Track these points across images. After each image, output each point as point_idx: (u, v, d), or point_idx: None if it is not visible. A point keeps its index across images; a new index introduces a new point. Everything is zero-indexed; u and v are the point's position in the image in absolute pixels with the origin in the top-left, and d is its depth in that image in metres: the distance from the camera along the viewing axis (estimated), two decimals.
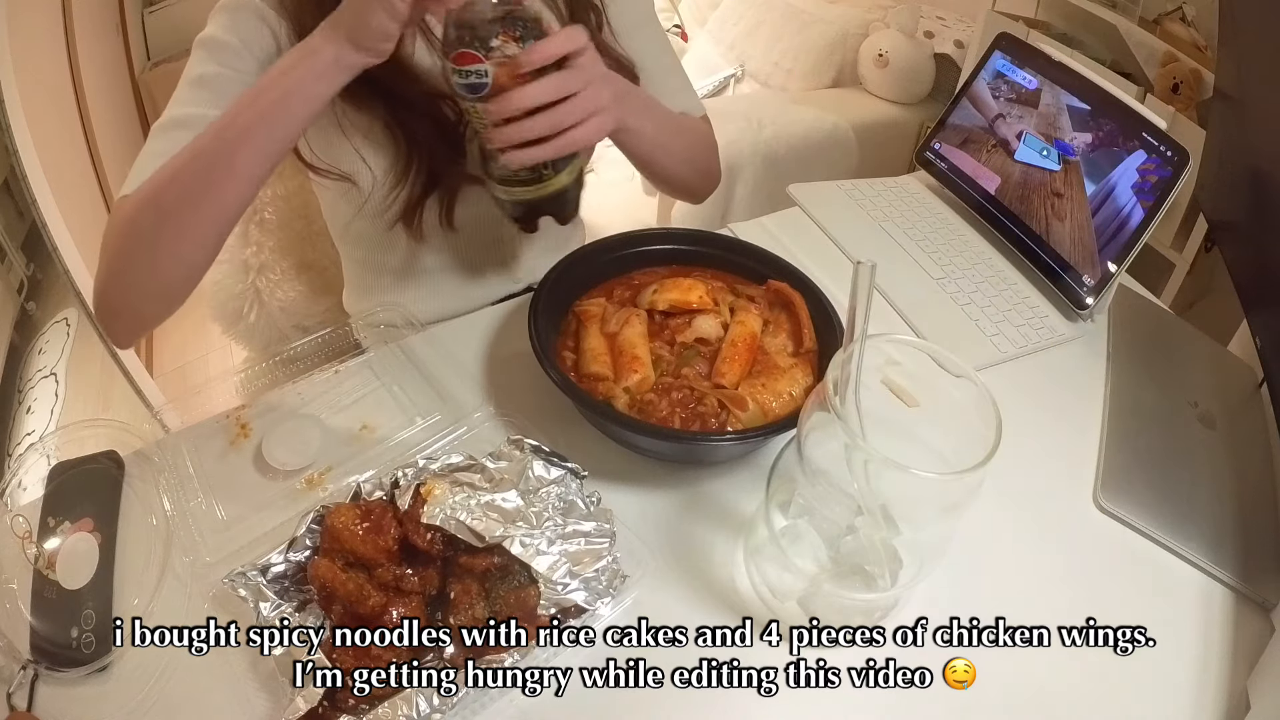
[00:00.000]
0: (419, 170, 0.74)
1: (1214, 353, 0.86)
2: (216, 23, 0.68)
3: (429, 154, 0.73)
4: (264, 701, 0.49)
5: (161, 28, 2.41)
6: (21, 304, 1.30)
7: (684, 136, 0.81)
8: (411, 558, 0.53)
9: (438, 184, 0.75)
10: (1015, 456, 0.67)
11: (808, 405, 0.50)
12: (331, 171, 0.73)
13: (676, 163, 0.81)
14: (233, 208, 0.62)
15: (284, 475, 0.62)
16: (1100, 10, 1.60)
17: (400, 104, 0.71)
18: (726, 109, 1.92)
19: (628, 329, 0.66)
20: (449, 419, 0.65)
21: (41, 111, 1.54)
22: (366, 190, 0.74)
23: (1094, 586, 0.60)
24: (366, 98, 0.70)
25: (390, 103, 0.71)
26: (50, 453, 0.61)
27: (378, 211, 0.77)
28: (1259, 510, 0.67)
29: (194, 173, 0.60)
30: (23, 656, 0.49)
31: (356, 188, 0.74)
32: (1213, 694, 0.54)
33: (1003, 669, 0.54)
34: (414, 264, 0.84)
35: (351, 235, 0.85)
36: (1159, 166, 0.80)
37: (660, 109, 0.76)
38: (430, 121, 0.72)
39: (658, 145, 0.75)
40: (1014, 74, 0.95)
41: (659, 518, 0.61)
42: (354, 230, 0.83)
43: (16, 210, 1.35)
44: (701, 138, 0.85)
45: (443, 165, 0.74)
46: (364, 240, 0.84)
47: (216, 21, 0.68)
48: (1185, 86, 1.42)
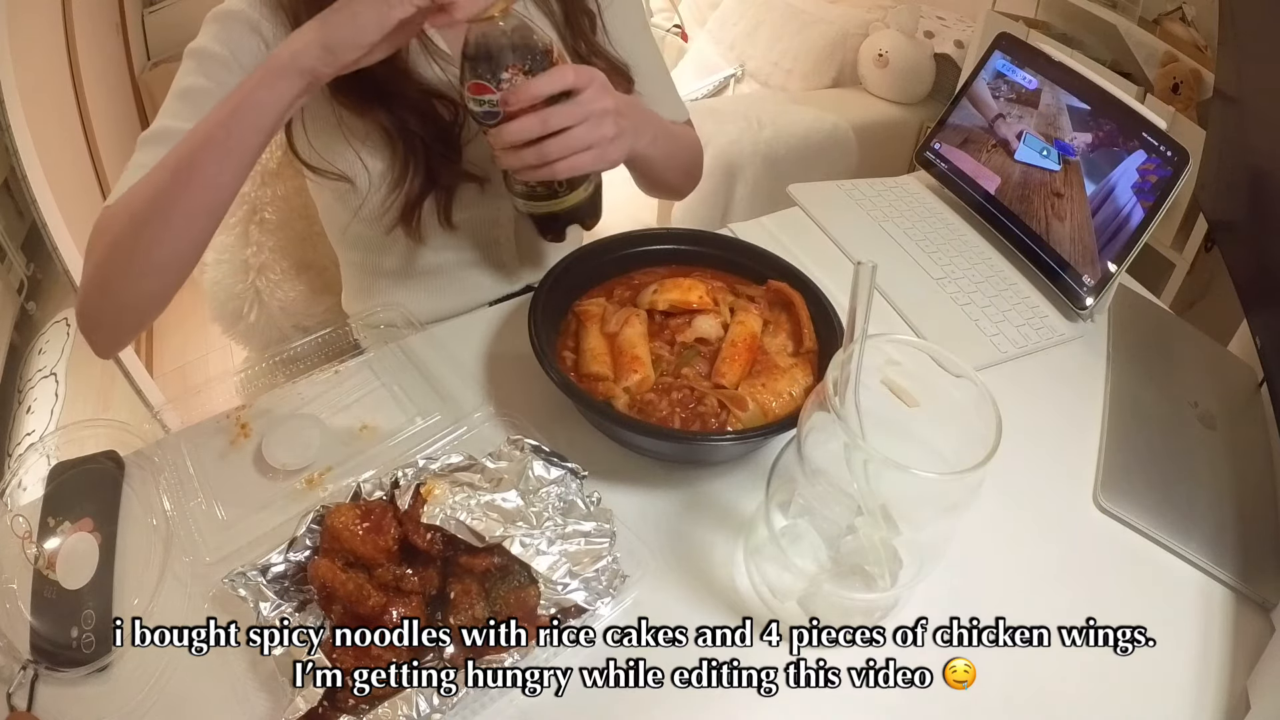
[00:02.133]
0: (416, 170, 0.74)
1: (1214, 353, 0.86)
2: (207, 32, 0.68)
3: (425, 153, 0.73)
4: (264, 701, 0.49)
5: (161, 28, 2.41)
6: (21, 304, 1.30)
7: (679, 149, 0.85)
8: (411, 558, 0.53)
9: (435, 183, 0.76)
10: (1015, 456, 0.67)
11: (808, 405, 0.50)
12: (330, 172, 0.74)
13: (672, 173, 0.85)
14: (202, 217, 0.62)
15: (284, 475, 0.62)
16: (1100, 10, 1.60)
17: (397, 104, 0.71)
18: (726, 109, 1.92)
19: (628, 329, 0.66)
20: (449, 419, 0.65)
21: (41, 111, 1.54)
22: (363, 193, 0.75)
23: (1094, 586, 0.60)
24: (365, 101, 0.70)
25: (387, 104, 0.71)
26: (50, 453, 0.61)
27: (375, 216, 0.77)
28: (1259, 510, 0.67)
29: (163, 183, 0.60)
30: (23, 656, 0.49)
31: (354, 189, 0.74)
32: (1213, 694, 0.54)
33: (1003, 669, 0.54)
34: (412, 266, 0.85)
35: (349, 239, 0.85)
36: (1159, 166, 0.80)
37: (662, 126, 0.78)
38: (426, 120, 0.72)
39: (659, 163, 0.79)
40: (1014, 74, 0.95)
41: (659, 518, 0.61)
42: (351, 233, 0.83)
43: (16, 210, 1.35)
44: (691, 145, 0.90)
45: (440, 164, 0.75)
46: (361, 243, 0.84)
47: (207, 31, 0.68)
48: (1185, 86, 1.42)
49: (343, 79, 0.66)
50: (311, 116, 0.74)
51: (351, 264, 0.89)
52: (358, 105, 0.71)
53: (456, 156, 0.75)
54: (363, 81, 0.68)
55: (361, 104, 0.71)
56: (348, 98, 0.71)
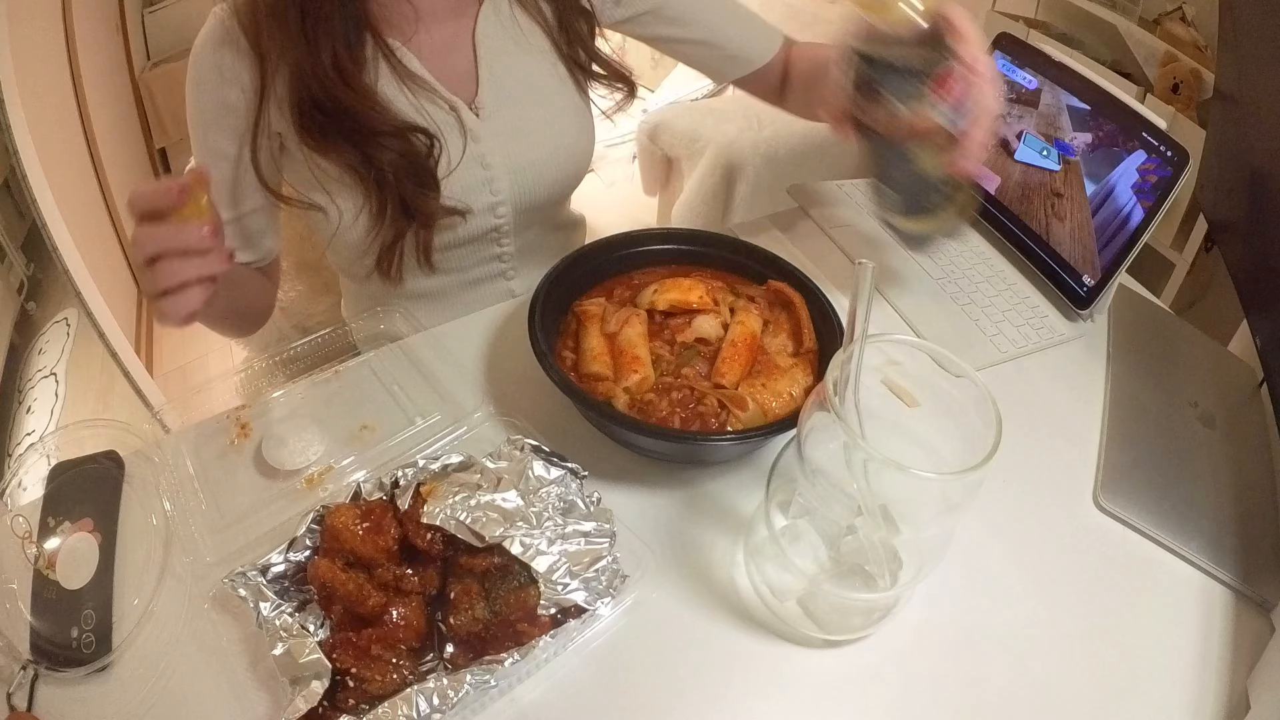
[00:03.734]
0: (392, 210, 0.72)
1: (1214, 353, 0.86)
2: (189, 103, 0.71)
3: (398, 190, 0.71)
4: (264, 701, 0.49)
5: (161, 28, 2.41)
6: (21, 304, 1.30)
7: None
8: (411, 558, 0.53)
9: (413, 219, 0.73)
10: (1015, 456, 0.68)
11: (808, 405, 0.50)
12: (301, 202, 0.73)
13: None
14: (235, 319, 0.80)
15: (284, 475, 0.62)
16: (1100, 10, 1.60)
17: (366, 140, 0.69)
18: (726, 109, 1.92)
19: (628, 329, 0.66)
20: (449, 419, 0.65)
21: (41, 111, 1.54)
22: (335, 224, 0.73)
23: (1094, 586, 0.60)
24: (331, 141, 0.69)
25: (355, 142, 0.69)
26: (50, 453, 0.61)
27: (355, 255, 0.76)
28: (1259, 510, 0.67)
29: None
30: (23, 656, 0.49)
31: (327, 219, 0.74)
32: (1213, 694, 0.54)
33: (1003, 669, 0.54)
34: (403, 291, 0.82)
35: (338, 262, 0.85)
36: (1159, 166, 0.80)
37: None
38: (401, 155, 0.70)
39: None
40: (1014, 74, 0.95)
41: (659, 518, 0.61)
42: (337, 258, 0.83)
43: (16, 210, 1.35)
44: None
45: (417, 201, 0.72)
46: (347, 270, 0.84)
47: (189, 101, 0.70)
48: (1185, 86, 1.42)
49: (305, 119, 0.67)
50: (280, 148, 0.72)
51: (348, 290, 0.89)
52: (321, 146, 0.69)
53: (435, 191, 0.73)
54: (327, 119, 0.67)
55: (324, 145, 0.69)
56: (311, 139, 0.69)
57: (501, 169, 0.77)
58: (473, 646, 0.50)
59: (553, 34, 0.79)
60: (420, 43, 0.73)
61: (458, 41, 0.76)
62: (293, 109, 0.68)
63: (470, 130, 0.75)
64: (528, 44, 0.79)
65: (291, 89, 0.68)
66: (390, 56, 0.71)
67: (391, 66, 0.71)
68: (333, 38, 0.66)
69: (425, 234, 0.75)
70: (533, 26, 0.79)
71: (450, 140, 0.73)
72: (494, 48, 0.77)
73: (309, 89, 0.67)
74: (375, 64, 0.71)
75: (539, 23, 0.79)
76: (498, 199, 0.78)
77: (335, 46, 0.67)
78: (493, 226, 0.80)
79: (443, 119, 0.73)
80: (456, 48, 0.76)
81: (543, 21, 0.79)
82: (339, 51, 0.67)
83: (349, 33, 0.68)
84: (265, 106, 0.69)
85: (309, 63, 0.66)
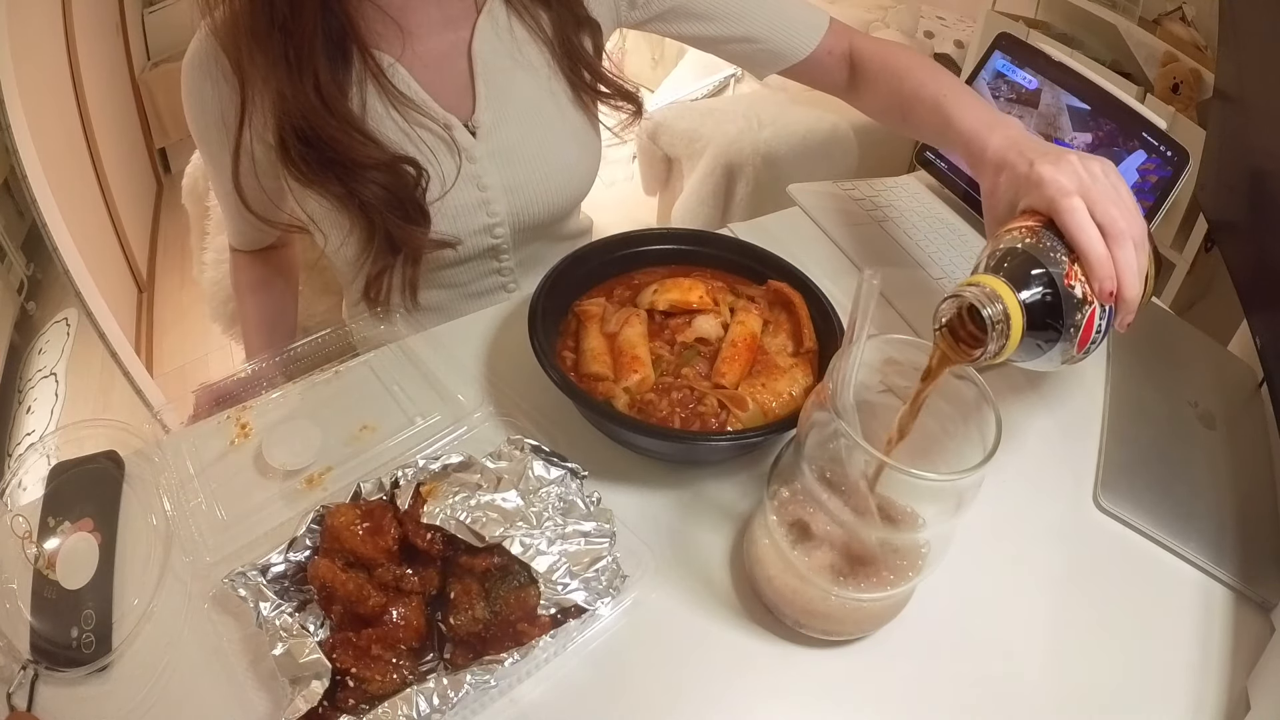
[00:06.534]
0: (380, 241, 0.71)
1: (1214, 353, 0.86)
2: (186, 113, 0.71)
3: (384, 222, 0.69)
4: (264, 701, 0.49)
5: (161, 28, 2.41)
6: (21, 304, 1.30)
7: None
8: (411, 558, 0.53)
9: (398, 252, 0.71)
10: (1015, 456, 0.68)
11: (808, 405, 0.50)
12: (279, 223, 0.73)
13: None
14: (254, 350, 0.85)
15: (284, 475, 0.62)
16: (1100, 10, 1.60)
17: (349, 173, 0.67)
18: (726, 109, 1.92)
19: (628, 329, 0.66)
20: (449, 419, 0.65)
21: (41, 111, 1.54)
22: (322, 247, 0.73)
23: (1094, 586, 0.60)
24: (316, 175, 0.67)
25: (339, 174, 0.67)
26: (50, 453, 0.61)
27: (347, 281, 0.76)
28: (1259, 510, 0.67)
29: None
30: (23, 656, 0.49)
31: (311, 237, 0.74)
32: (1213, 694, 0.54)
33: (1003, 669, 0.54)
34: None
35: (335, 269, 0.85)
36: (1159, 166, 0.80)
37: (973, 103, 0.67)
38: (388, 186, 0.68)
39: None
40: (1014, 74, 0.95)
41: (659, 518, 0.61)
42: (333, 267, 0.83)
43: (16, 210, 1.35)
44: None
45: (402, 233, 0.70)
46: (343, 281, 0.84)
47: (185, 112, 0.71)
48: (1185, 86, 1.42)
49: (288, 150, 0.66)
50: (263, 173, 0.71)
51: (348, 290, 0.89)
52: (304, 179, 0.67)
53: (423, 224, 0.71)
54: (309, 149, 0.65)
55: (308, 179, 0.67)
56: (295, 170, 0.67)
57: (498, 189, 0.76)
58: (473, 646, 0.50)
59: (552, 48, 0.77)
60: (413, 57, 0.71)
61: (453, 55, 0.74)
62: (275, 139, 0.67)
63: (465, 150, 0.73)
64: (526, 60, 0.76)
65: (273, 117, 0.66)
66: (380, 76, 0.68)
67: (381, 88, 0.68)
68: (315, 56, 0.64)
69: (412, 270, 0.73)
70: (531, 41, 0.76)
71: (444, 161, 0.71)
72: (491, 63, 0.74)
73: (290, 118, 0.65)
74: (363, 84, 0.68)
75: (538, 37, 0.76)
76: (495, 220, 0.77)
77: (318, 67, 0.64)
78: (490, 246, 0.79)
79: (434, 141, 0.71)
80: (452, 61, 0.74)
81: (542, 35, 0.76)
82: (321, 73, 0.64)
83: (332, 50, 0.65)
84: (244, 134, 0.68)
85: (290, 87, 0.64)
